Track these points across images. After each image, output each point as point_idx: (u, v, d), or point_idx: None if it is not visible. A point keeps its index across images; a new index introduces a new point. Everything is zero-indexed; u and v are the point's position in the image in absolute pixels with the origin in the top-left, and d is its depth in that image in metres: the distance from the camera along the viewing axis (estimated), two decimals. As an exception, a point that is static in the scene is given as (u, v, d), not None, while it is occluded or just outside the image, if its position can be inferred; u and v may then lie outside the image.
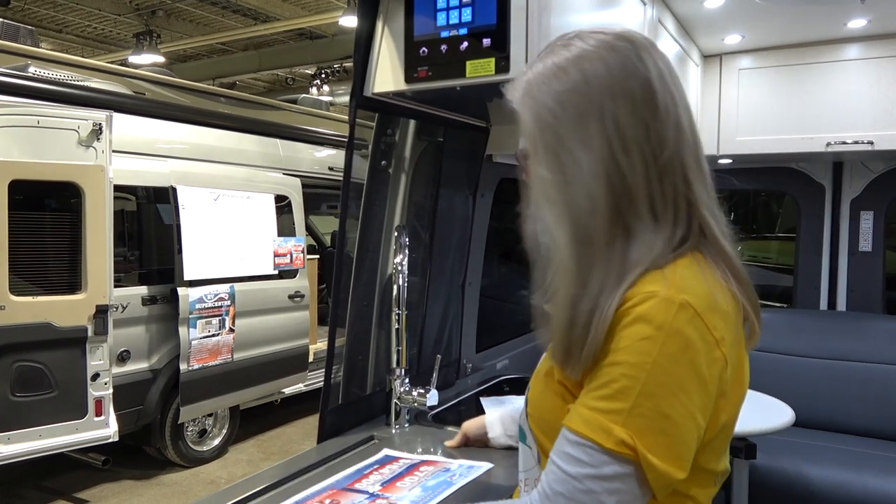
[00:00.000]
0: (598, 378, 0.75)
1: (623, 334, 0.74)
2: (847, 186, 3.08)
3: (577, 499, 0.72)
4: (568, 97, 0.79)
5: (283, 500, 1.17)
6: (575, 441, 0.74)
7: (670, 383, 0.72)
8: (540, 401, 0.86)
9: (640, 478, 0.72)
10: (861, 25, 2.35)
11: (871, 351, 2.82)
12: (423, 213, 1.82)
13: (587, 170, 0.77)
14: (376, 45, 1.41)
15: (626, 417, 0.71)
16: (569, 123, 0.78)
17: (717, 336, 0.74)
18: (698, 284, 0.76)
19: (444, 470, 1.31)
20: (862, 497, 2.33)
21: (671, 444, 0.72)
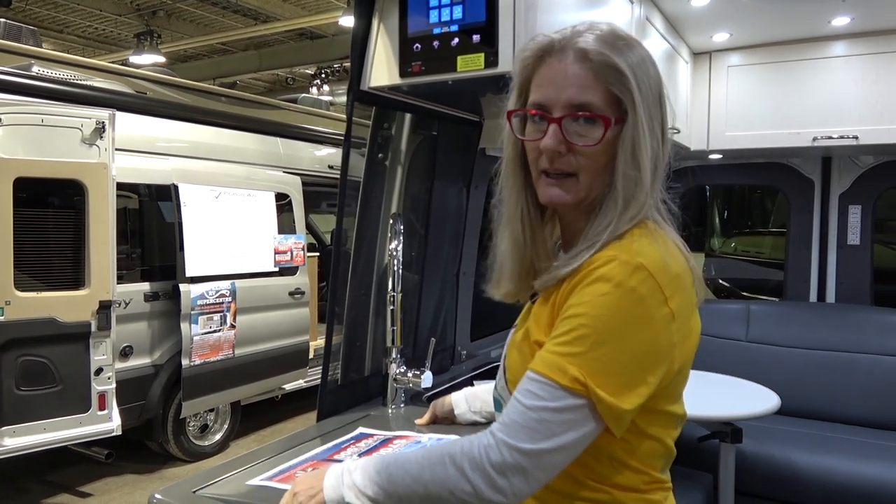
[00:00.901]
0: (560, 328, 0.85)
1: (585, 291, 0.84)
2: (836, 181, 3.15)
3: (531, 426, 0.81)
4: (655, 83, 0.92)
5: (267, 470, 1.25)
6: (534, 379, 0.83)
7: (621, 333, 0.82)
8: (517, 366, 0.93)
9: (591, 410, 0.81)
10: (845, 23, 2.41)
11: (859, 342, 2.88)
12: (418, 204, 1.88)
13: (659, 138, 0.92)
14: (372, 41, 1.48)
15: (581, 360, 0.81)
16: (655, 102, 0.92)
17: (667, 294, 0.84)
18: (650, 249, 0.86)
19: (416, 442, 1.39)
20: (847, 481, 2.39)
21: (617, 383, 0.81)
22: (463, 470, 0.82)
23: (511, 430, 0.81)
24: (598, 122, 0.88)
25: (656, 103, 0.91)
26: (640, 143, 0.88)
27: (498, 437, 0.82)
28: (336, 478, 0.92)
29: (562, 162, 0.90)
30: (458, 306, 2.07)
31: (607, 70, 0.88)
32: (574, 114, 0.89)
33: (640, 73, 0.89)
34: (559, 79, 0.90)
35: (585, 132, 0.89)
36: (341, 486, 0.91)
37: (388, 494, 0.87)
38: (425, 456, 0.87)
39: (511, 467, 0.80)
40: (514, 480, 0.80)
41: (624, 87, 0.88)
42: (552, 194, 0.92)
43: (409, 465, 0.87)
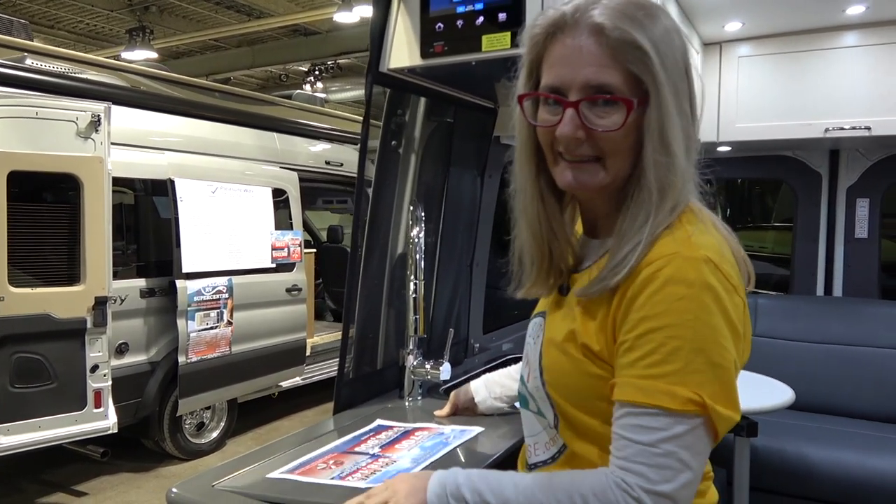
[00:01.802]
0: (640, 348, 0.78)
1: (657, 299, 0.77)
2: (843, 174, 3.13)
3: (658, 463, 0.75)
4: (682, 56, 0.86)
5: (286, 462, 1.21)
6: (640, 412, 0.77)
7: (712, 334, 0.77)
8: (558, 367, 0.88)
9: (707, 427, 0.76)
10: (859, 12, 2.39)
11: (868, 335, 2.86)
12: (432, 192, 1.84)
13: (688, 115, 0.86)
14: (392, 21, 1.43)
15: (684, 376, 0.75)
16: (682, 77, 0.85)
17: (734, 283, 0.80)
18: (707, 239, 0.81)
19: (439, 433, 1.36)
20: (859, 476, 2.37)
21: (727, 390, 0.77)
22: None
23: (643, 475, 0.76)
24: (619, 104, 0.81)
25: (683, 77, 0.84)
26: (668, 125, 0.81)
27: (632, 483, 0.76)
28: (441, 487, 0.87)
29: (582, 149, 0.84)
30: (471, 298, 2.03)
31: (626, 47, 0.80)
32: (592, 97, 0.81)
33: (664, 48, 0.81)
34: (574, 58, 0.82)
35: (606, 116, 0.81)
36: (445, 494, 0.86)
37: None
38: (548, 489, 0.81)
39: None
40: None
41: (645, 65, 0.80)
42: (570, 179, 0.85)
43: (529, 494, 0.82)
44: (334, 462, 1.22)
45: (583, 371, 0.84)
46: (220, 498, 1.07)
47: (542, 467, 0.95)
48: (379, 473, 1.15)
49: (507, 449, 1.22)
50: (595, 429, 0.86)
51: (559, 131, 0.83)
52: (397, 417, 1.47)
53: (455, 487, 0.86)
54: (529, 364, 0.96)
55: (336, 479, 1.14)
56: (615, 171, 0.84)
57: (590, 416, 0.86)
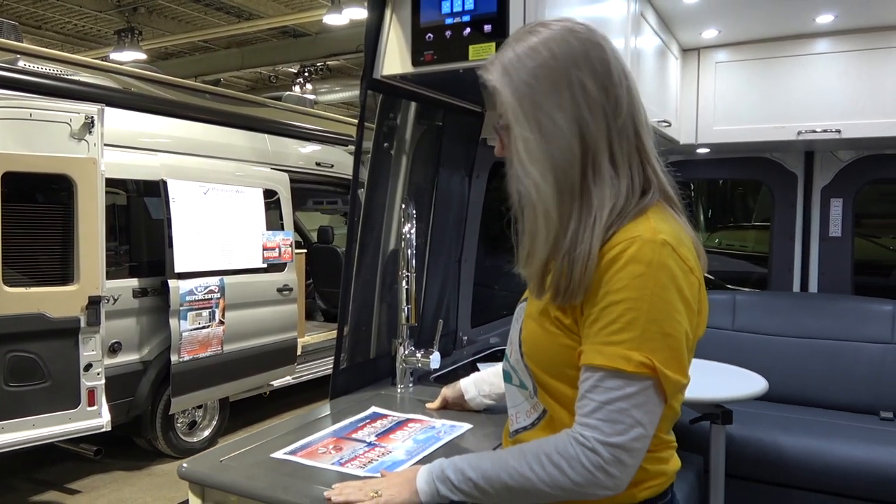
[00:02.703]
0: (603, 318, 0.89)
1: (619, 276, 0.88)
2: (818, 175, 3.25)
3: (612, 418, 0.86)
4: (541, 71, 0.93)
5: (288, 444, 1.29)
6: (600, 374, 0.88)
7: (666, 308, 0.88)
8: (535, 339, 0.99)
9: (657, 389, 0.88)
10: (829, 20, 2.50)
11: (841, 329, 2.98)
12: (422, 192, 1.92)
13: (564, 128, 0.92)
14: (385, 30, 1.52)
15: (640, 343, 0.86)
16: (544, 92, 0.92)
17: (690, 265, 0.92)
18: (668, 226, 0.92)
19: (431, 427, 1.44)
20: (831, 462, 2.48)
21: (677, 357, 0.88)
22: (562, 469, 0.88)
23: (598, 429, 0.87)
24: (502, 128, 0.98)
25: (546, 95, 0.92)
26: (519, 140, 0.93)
27: (588, 437, 0.87)
28: (429, 473, 0.99)
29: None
30: (459, 292, 2.12)
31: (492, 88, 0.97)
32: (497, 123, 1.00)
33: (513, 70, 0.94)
34: None
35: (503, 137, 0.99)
36: (434, 482, 0.98)
37: (481, 490, 0.94)
38: (519, 455, 0.92)
39: (609, 462, 0.86)
40: (614, 472, 0.86)
41: (497, 98, 0.96)
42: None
43: (503, 461, 0.93)
44: (334, 447, 1.30)
45: (555, 342, 0.95)
46: (228, 471, 1.15)
47: (523, 433, 1.05)
48: (376, 463, 1.24)
49: (498, 445, 1.31)
50: (567, 394, 0.96)
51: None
52: (390, 404, 1.55)
53: (440, 471, 0.98)
54: (512, 342, 1.07)
55: (336, 464, 1.22)
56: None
57: (562, 383, 0.96)
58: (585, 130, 0.91)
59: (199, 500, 1.16)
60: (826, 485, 2.49)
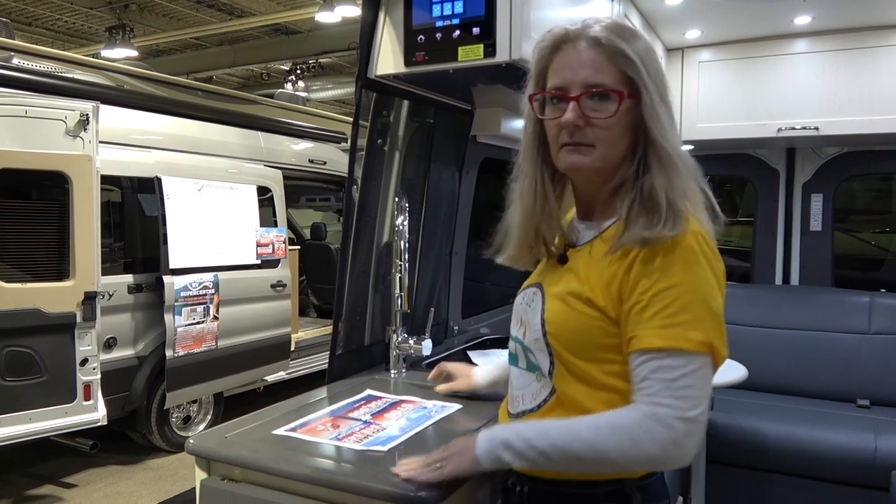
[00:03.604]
0: (655, 304, 0.95)
1: (668, 263, 0.96)
2: (799, 171, 3.34)
3: (682, 395, 0.93)
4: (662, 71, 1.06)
5: (290, 422, 1.37)
6: (663, 355, 0.94)
7: (710, 289, 0.97)
8: (562, 318, 1.04)
9: (712, 364, 0.96)
10: (806, 22, 2.59)
11: (821, 321, 3.08)
12: (414, 187, 2.00)
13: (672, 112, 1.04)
14: (379, 32, 1.59)
15: (696, 323, 0.94)
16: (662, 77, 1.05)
17: (717, 255, 1.01)
18: (701, 222, 1.01)
19: (423, 407, 1.52)
20: (809, 447, 2.57)
21: (723, 333, 0.97)
22: (640, 443, 0.93)
23: (673, 406, 0.92)
24: (612, 97, 1.00)
25: (665, 86, 1.04)
26: (657, 112, 1.01)
27: (664, 414, 0.93)
28: (489, 442, 1.04)
29: (580, 135, 1.02)
30: (450, 284, 2.20)
31: (617, 54, 1.01)
32: (590, 91, 1.01)
33: (646, 58, 1.03)
34: (575, 63, 1.02)
35: (601, 107, 1.01)
36: (496, 449, 1.03)
37: (548, 458, 0.99)
38: (592, 427, 0.97)
39: (684, 435, 0.92)
40: (687, 444, 0.93)
41: (634, 68, 1.01)
42: (571, 160, 1.03)
43: (575, 434, 0.98)
44: (332, 425, 1.38)
45: (584, 322, 1.01)
46: (233, 446, 1.22)
47: (528, 415, 1.10)
48: (371, 438, 1.31)
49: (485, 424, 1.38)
50: (589, 373, 1.02)
51: (563, 119, 1.02)
52: (384, 388, 1.63)
53: (503, 439, 1.02)
54: (526, 323, 1.11)
55: (334, 439, 1.30)
56: (605, 157, 1.03)
57: (584, 361, 1.02)
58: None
59: (206, 474, 1.23)
60: (804, 469, 2.59)
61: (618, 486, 1.02)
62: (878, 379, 2.92)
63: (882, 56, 2.67)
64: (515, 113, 2.13)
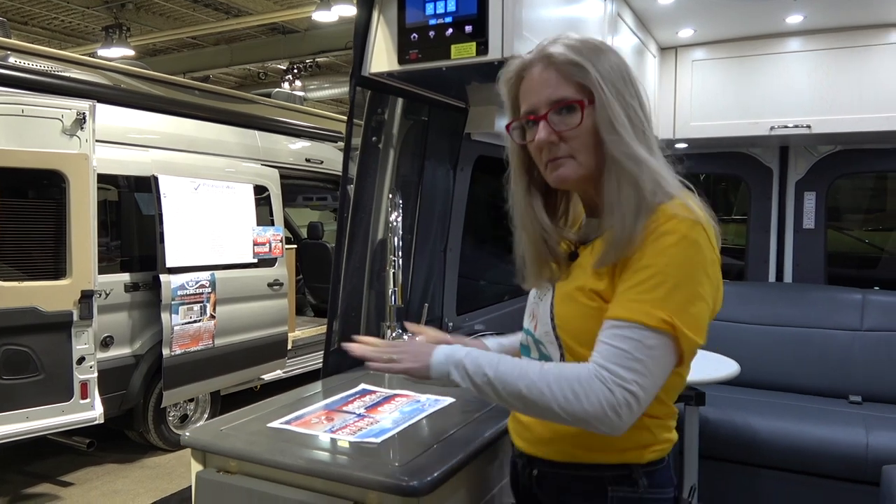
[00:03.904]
0: (634, 278, 0.99)
1: (654, 245, 0.99)
2: (792, 169, 3.37)
3: (630, 366, 0.96)
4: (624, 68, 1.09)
5: (284, 415, 1.39)
6: (623, 325, 0.98)
7: (692, 277, 0.99)
8: (569, 313, 1.09)
9: (674, 346, 0.98)
10: (798, 21, 2.62)
11: (813, 318, 3.10)
12: (409, 184, 2.01)
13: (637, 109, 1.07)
14: (373, 31, 1.61)
15: (663, 303, 0.97)
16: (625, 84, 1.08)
17: (713, 244, 1.03)
18: (701, 212, 1.04)
19: (416, 401, 1.54)
20: (801, 443, 2.59)
21: (696, 321, 0.99)
22: (578, 397, 0.97)
23: (617, 374, 0.96)
24: (574, 107, 1.05)
25: (621, 80, 1.07)
26: (612, 112, 1.04)
27: (607, 377, 0.97)
28: (445, 356, 1.09)
29: (557, 150, 1.07)
30: (444, 280, 2.21)
31: (568, 65, 1.06)
32: (554, 106, 1.06)
33: (597, 61, 1.06)
34: (536, 85, 1.08)
35: (567, 119, 1.06)
36: (448, 363, 1.08)
37: (493, 388, 1.04)
38: (540, 372, 1.02)
39: (621, 403, 0.96)
40: (623, 412, 0.96)
41: (585, 74, 1.05)
42: (557, 175, 1.09)
43: (523, 372, 1.03)
44: (326, 418, 1.40)
45: (588, 313, 1.05)
46: (228, 438, 1.23)
47: None
48: (365, 430, 1.33)
49: (476, 418, 1.41)
50: None
51: (537, 138, 1.08)
52: (379, 382, 1.65)
53: (458, 358, 1.08)
54: (537, 317, 1.16)
55: (328, 432, 1.31)
56: (586, 164, 1.08)
57: (591, 350, 1.04)
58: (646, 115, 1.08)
59: (201, 466, 1.24)
60: (797, 465, 2.61)
61: (626, 471, 1.07)
62: (870, 375, 2.94)
63: (873, 54, 2.69)
64: (509, 111, 2.14)
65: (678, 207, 1.02)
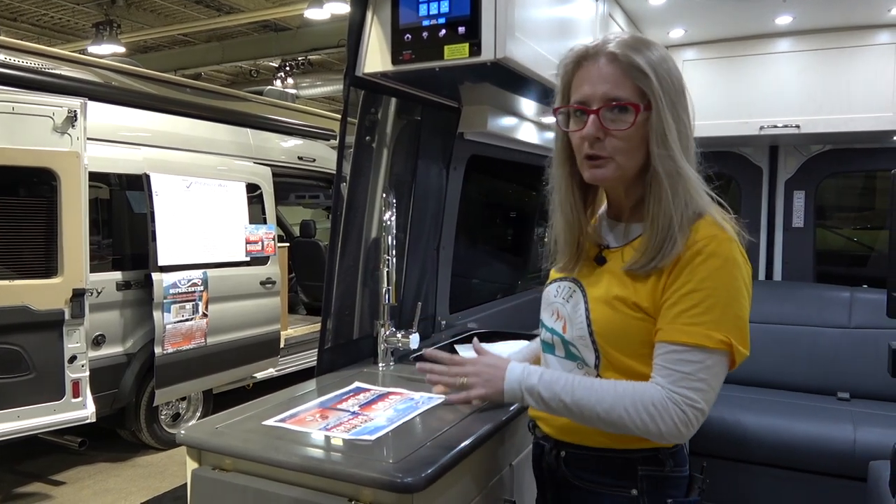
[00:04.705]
0: (685, 302, 1.05)
1: (701, 268, 1.05)
2: (782, 168, 3.40)
3: (696, 387, 1.04)
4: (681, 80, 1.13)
5: (279, 413, 1.40)
6: (683, 350, 1.05)
7: (737, 295, 1.06)
8: (609, 321, 1.13)
9: (728, 360, 1.06)
10: (787, 22, 2.64)
11: (802, 316, 3.14)
12: (402, 183, 2.02)
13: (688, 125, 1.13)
14: (366, 31, 1.61)
15: (718, 325, 1.04)
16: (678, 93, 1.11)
17: (745, 256, 1.10)
18: (731, 227, 1.10)
19: (410, 399, 1.55)
20: (790, 439, 2.63)
21: (745, 334, 1.07)
22: (654, 419, 1.04)
23: (687, 396, 1.04)
24: (628, 109, 1.08)
25: (678, 93, 1.11)
26: (666, 126, 1.07)
27: (679, 400, 1.04)
28: (518, 381, 1.15)
29: (599, 146, 1.10)
30: (438, 279, 2.23)
31: (632, 68, 1.08)
32: (609, 104, 1.08)
33: (661, 70, 1.09)
34: (594, 78, 1.10)
35: (619, 119, 1.08)
36: (521, 389, 1.15)
37: (570, 412, 1.11)
38: (614, 394, 1.08)
39: (692, 420, 1.04)
40: (694, 426, 1.05)
41: (647, 81, 1.07)
42: (592, 174, 1.13)
43: (599, 397, 1.08)
44: (320, 416, 1.41)
45: (630, 324, 1.10)
46: (223, 436, 1.24)
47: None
48: (359, 428, 1.34)
49: (470, 415, 1.42)
50: (632, 367, 1.12)
51: (584, 132, 1.10)
52: (373, 380, 1.66)
53: (531, 384, 1.13)
54: (565, 318, 1.19)
55: (322, 429, 1.32)
56: (623, 167, 1.11)
57: (629, 358, 1.12)
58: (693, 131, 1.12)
59: (196, 464, 1.25)
60: (785, 461, 2.64)
61: (654, 453, 1.13)
62: (858, 372, 2.98)
63: (861, 55, 2.73)
64: (502, 111, 2.16)
65: (714, 226, 1.07)
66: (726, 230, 1.07)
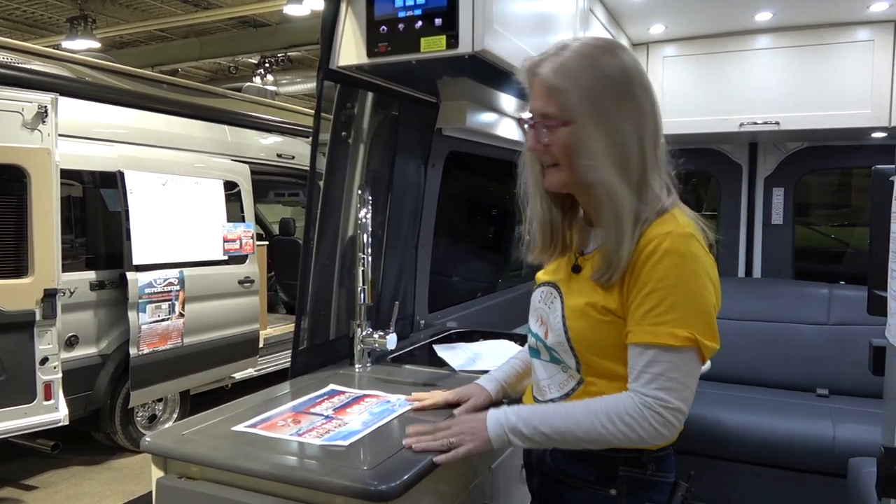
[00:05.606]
0: (647, 303, 1.06)
1: (658, 267, 1.05)
2: (761, 165, 3.41)
3: (669, 387, 1.05)
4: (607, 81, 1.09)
5: (250, 418, 1.36)
6: (653, 350, 1.05)
7: (699, 289, 1.06)
8: (582, 328, 1.14)
9: (698, 356, 1.06)
10: (767, 18, 2.64)
11: (782, 312, 3.15)
12: (379, 180, 1.98)
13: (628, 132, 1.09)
14: (340, 22, 1.57)
15: (682, 321, 1.04)
16: (611, 100, 1.09)
17: (706, 247, 1.10)
18: (690, 221, 1.11)
19: (386, 401, 1.52)
20: (770, 436, 2.63)
21: (710, 328, 1.06)
22: (633, 428, 1.05)
23: (660, 397, 1.05)
24: (556, 125, 1.10)
25: (613, 99, 1.08)
26: (588, 138, 1.07)
27: (653, 403, 1.05)
28: (499, 425, 1.16)
29: (544, 157, 1.14)
30: (416, 277, 2.19)
31: (549, 88, 1.10)
32: (540, 120, 1.12)
33: (586, 80, 1.08)
34: (533, 93, 1.14)
35: (550, 133, 1.11)
36: (504, 432, 1.15)
37: (552, 441, 1.12)
38: (588, 413, 1.09)
39: (671, 420, 1.05)
40: (675, 425, 1.06)
41: (566, 96, 1.08)
42: (548, 180, 1.16)
43: (576, 420, 1.10)
44: (293, 420, 1.36)
45: (604, 329, 1.12)
46: (190, 443, 1.19)
47: (557, 401, 1.20)
48: (333, 433, 1.30)
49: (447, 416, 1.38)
50: (610, 367, 1.13)
51: (526, 145, 1.15)
52: (348, 382, 1.62)
53: (512, 425, 1.14)
54: (547, 324, 1.21)
55: (294, 435, 1.28)
56: (571, 174, 1.12)
57: (604, 359, 1.13)
58: (643, 133, 1.10)
59: (162, 472, 1.20)
60: (765, 458, 2.65)
61: (637, 455, 1.14)
62: (837, 369, 3.00)
63: (839, 52, 2.74)
64: (481, 106, 2.13)
65: (668, 223, 1.07)
66: (682, 226, 1.07)
